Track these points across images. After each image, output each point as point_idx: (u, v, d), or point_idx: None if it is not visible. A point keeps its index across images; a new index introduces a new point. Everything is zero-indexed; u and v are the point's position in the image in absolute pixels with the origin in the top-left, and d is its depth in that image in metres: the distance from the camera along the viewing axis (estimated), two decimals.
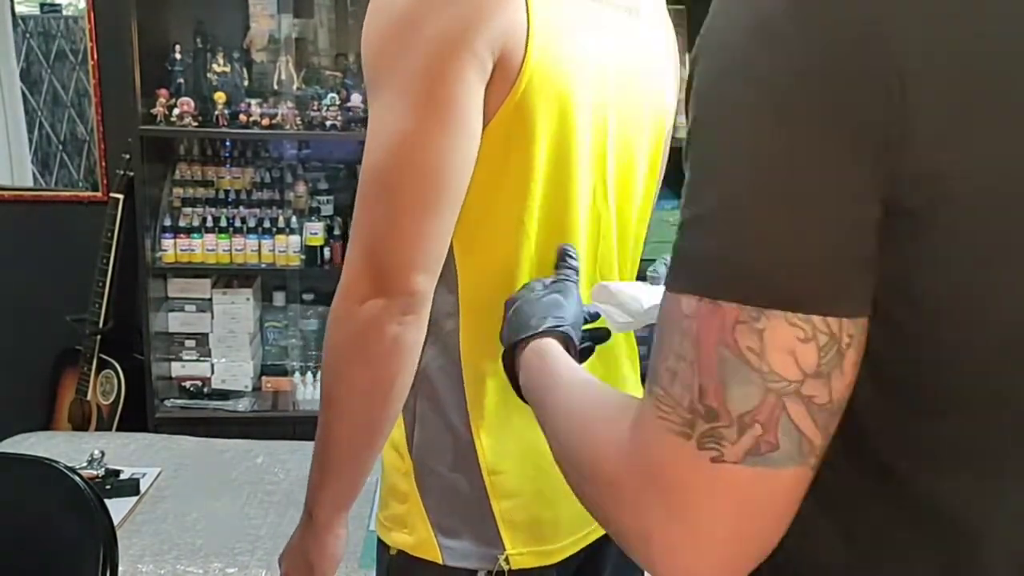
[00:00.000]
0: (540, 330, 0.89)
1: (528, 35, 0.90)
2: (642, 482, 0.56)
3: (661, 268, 1.11)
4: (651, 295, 0.96)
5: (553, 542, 1.05)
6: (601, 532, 1.09)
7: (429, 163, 0.89)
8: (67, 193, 3.12)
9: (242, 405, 2.98)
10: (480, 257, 0.99)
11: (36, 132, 3.13)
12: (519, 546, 1.02)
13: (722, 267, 0.53)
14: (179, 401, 2.97)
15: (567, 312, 0.92)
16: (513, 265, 0.99)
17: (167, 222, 2.89)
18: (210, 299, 2.97)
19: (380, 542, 1.08)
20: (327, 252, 2.91)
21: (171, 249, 2.86)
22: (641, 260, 1.18)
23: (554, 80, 0.93)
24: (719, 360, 0.52)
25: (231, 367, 3.00)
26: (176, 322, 2.97)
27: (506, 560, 1.01)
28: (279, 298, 3.11)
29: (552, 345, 0.88)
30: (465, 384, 1.01)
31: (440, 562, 1.02)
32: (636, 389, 1.15)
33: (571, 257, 0.99)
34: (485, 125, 0.92)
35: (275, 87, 2.90)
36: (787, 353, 0.51)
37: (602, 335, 1.02)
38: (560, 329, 0.90)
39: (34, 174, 3.16)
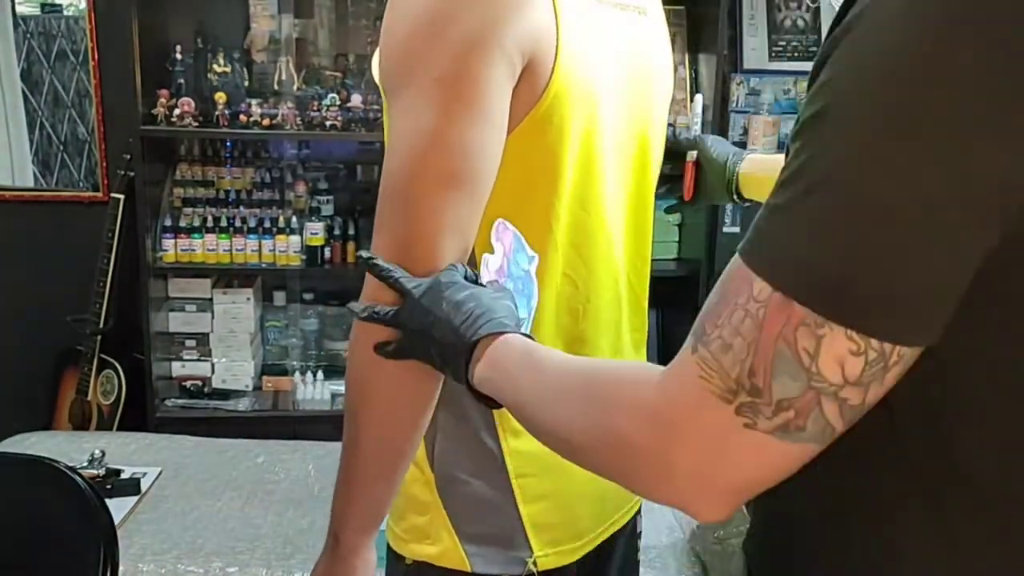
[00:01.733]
0: (509, 329, 0.84)
1: (557, 37, 0.88)
2: (665, 432, 0.61)
3: None
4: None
5: (575, 540, 1.04)
6: (615, 528, 1.10)
7: (457, 161, 0.86)
8: (68, 193, 3.12)
9: (242, 405, 2.99)
10: None
11: (37, 132, 3.13)
12: (545, 548, 1.01)
13: (810, 272, 0.56)
14: (179, 401, 2.98)
15: (513, 316, 0.88)
16: (540, 271, 0.96)
17: (167, 222, 2.89)
18: (210, 299, 2.97)
19: (391, 553, 1.05)
20: (327, 252, 2.91)
21: (171, 249, 2.86)
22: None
23: (582, 84, 0.92)
24: (776, 352, 0.56)
25: (231, 367, 3.01)
26: (176, 322, 2.97)
27: (534, 563, 1.00)
28: (279, 298, 3.12)
29: (528, 340, 0.84)
30: None
31: (468, 570, 1.00)
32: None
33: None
34: (511, 130, 0.89)
35: (275, 87, 2.91)
36: (837, 362, 0.55)
37: None
38: (524, 333, 0.86)
39: (35, 174, 3.16)
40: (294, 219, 2.93)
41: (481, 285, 0.88)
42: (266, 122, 2.81)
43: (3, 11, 3.03)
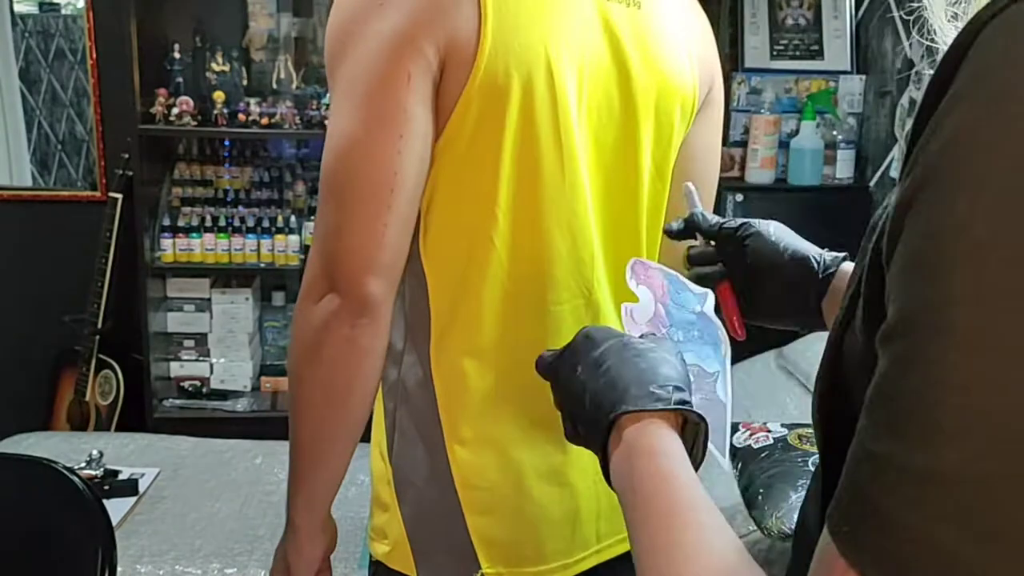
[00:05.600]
0: (661, 407, 0.65)
1: (481, 27, 0.87)
2: None
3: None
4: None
5: (537, 564, 1.00)
6: (602, 558, 1.05)
7: (374, 167, 0.88)
8: (66, 193, 3.12)
9: (241, 405, 2.98)
10: (446, 267, 0.96)
11: (35, 131, 3.12)
12: (497, 565, 0.99)
13: None
14: (178, 401, 2.97)
15: (681, 378, 0.69)
16: (477, 276, 0.95)
17: (166, 222, 2.88)
18: (209, 299, 2.96)
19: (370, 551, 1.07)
20: None
21: (170, 249, 2.85)
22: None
23: (515, 72, 0.89)
24: None
25: (230, 367, 3.00)
26: (175, 322, 2.96)
27: None
28: (278, 298, 3.11)
29: (667, 440, 0.63)
30: (437, 395, 0.99)
31: (414, 574, 1.00)
32: None
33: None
34: (444, 124, 0.90)
35: (274, 86, 2.90)
36: None
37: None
38: (686, 409, 0.66)
39: (33, 174, 3.15)
40: (293, 218, 2.92)
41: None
42: (265, 121, 2.81)
43: (1, 10, 3.02)
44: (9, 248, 3.05)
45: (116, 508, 1.94)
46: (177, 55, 2.82)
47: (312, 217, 2.91)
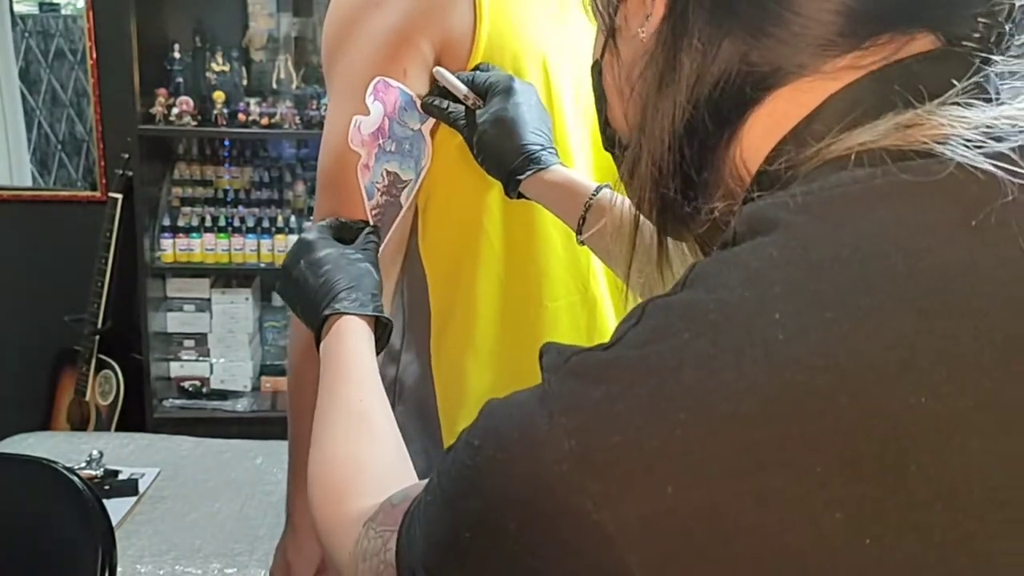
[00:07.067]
0: (358, 311, 0.81)
1: (477, 25, 0.89)
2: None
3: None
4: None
5: None
6: None
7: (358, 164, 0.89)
8: (66, 193, 3.12)
9: (241, 405, 2.98)
10: (445, 264, 0.97)
11: (35, 132, 3.12)
12: None
13: None
14: (178, 401, 2.97)
15: (378, 285, 0.85)
16: (474, 273, 0.96)
17: (166, 222, 2.88)
18: (209, 299, 2.96)
19: None
20: None
21: (170, 249, 2.85)
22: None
23: (511, 71, 0.91)
24: None
25: (230, 367, 3.00)
26: (175, 322, 2.96)
27: None
28: (278, 298, 3.11)
29: (361, 338, 0.80)
30: (437, 392, 0.99)
31: None
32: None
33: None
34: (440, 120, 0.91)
35: (274, 86, 2.90)
36: None
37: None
38: (381, 314, 0.83)
39: (33, 174, 3.15)
40: (293, 218, 2.92)
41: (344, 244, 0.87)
42: (265, 121, 2.81)
43: (1, 10, 3.02)
44: (9, 248, 3.05)
45: (116, 508, 1.94)
46: (177, 55, 2.83)
47: (311, 217, 2.90)
